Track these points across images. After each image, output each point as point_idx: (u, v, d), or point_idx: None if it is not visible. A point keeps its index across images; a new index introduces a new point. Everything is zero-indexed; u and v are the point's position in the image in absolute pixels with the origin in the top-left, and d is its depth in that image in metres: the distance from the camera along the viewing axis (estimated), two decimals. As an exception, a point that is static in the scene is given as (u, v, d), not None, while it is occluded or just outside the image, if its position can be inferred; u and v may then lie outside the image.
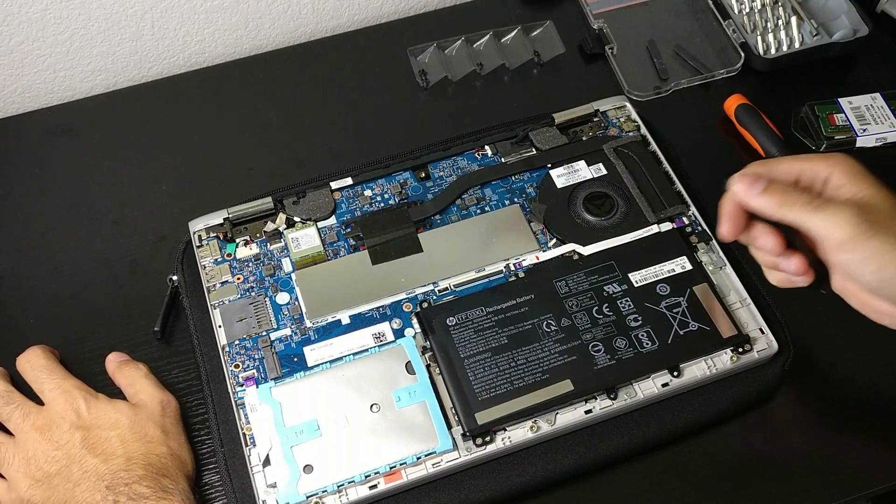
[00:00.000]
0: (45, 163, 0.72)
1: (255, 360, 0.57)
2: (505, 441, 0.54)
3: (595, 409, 0.55)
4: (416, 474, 0.53)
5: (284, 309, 0.59)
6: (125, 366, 0.59)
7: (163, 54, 0.80)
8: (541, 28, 0.78)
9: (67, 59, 0.77)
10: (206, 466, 0.57)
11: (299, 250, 0.62)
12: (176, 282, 0.62)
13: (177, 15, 0.77)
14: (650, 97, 0.73)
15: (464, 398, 0.54)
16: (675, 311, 0.57)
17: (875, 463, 0.56)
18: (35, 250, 0.67)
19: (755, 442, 0.57)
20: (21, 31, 0.73)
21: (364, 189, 0.65)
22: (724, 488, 0.55)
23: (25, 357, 0.58)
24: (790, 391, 0.58)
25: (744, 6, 0.77)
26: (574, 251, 0.61)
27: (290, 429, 0.54)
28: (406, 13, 0.85)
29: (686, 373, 0.56)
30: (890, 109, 0.71)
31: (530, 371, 0.55)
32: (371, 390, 0.55)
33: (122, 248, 0.67)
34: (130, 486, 0.51)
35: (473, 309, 0.58)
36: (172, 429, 0.56)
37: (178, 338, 0.62)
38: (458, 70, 0.76)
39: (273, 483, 0.52)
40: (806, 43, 0.75)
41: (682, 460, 0.56)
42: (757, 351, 0.57)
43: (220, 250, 0.62)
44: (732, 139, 0.71)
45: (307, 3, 0.80)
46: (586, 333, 0.56)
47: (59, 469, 0.53)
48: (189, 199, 0.69)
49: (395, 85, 0.76)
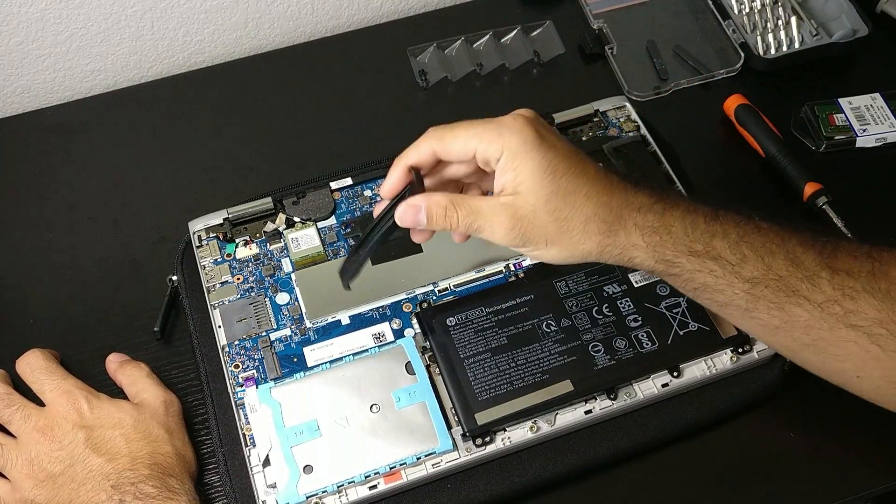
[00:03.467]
0: (45, 163, 0.72)
1: (254, 361, 0.57)
2: (505, 441, 0.54)
3: (595, 409, 0.55)
4: (415, 475, 0.53)
5: (284, 309, 0.59)
6: (127, 365, 0.59)
7: (162, 54, 0.80)
8: (541, 28, 0.78)
9: (67, 59, 0.77)
10: (206, 467, 0.57)
11: (299, 250, 0.62)
12: (176, 282, 0.62)
13: (176, 15, 0.77)
14: (650, 97, 0.73)
15: (464, 398, 0.54)
16: (674, 312, 0.57)
17: (875, 463, 0.56)
18: (35, 250, 0.67)
19: (755, 442, 0.57)
20: (21, 31, 0.73)
21: (364, 189, 0.65)
22: (724, 488, 0.55)
23: (25, 360, 0.58)
24: (790, 391, 0.58)
25: (744, 6, 0.77)
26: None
27: (289, 429, 0.54)
28: (406, 13, 0.85)
29: (686, 373, 0.56)
30: (890, 109, 0.71)
31: (530, 371, 0.55)
32: (371, 391, 0.55)
33: (122, 248, 0.67)
34: (136, 485, 0.51)
35: (473, 309, 0.58)
36: (176, 428, 0.56)
37: (177, 338, 0.62)
38: (458, 70, 0.76)
39: (273, 483, 0.52)
40: (806, 43, 0.75)
41: (682, 460, 0.56)
42: (757, 351, 0.57)
43: (220, 250, 0.62)
44: (732, 139, 0.71)
45: (307, 3, 0.80)
46: (586, 334, 0.56)
47: (62, 469, 0.53)
48: (189, 199, 0.69)
49: (395, 85, 0.76)
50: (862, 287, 0.46)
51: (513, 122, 0.48)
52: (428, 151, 0.50)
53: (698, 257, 0.48)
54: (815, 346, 0.48)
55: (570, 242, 0.48)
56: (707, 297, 0.50)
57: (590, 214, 0.48)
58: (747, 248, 0.48)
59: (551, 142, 0.48)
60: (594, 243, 0.48)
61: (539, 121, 0.50)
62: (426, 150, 0.50)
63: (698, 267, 0.48)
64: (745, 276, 0.48)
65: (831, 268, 0.47)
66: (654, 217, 0.48)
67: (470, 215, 0.49)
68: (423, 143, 0.50)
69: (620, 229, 0.48)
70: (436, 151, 0.50)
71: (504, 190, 0.48)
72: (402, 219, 0.50)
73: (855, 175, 0.69)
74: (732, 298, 0.49)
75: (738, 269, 0.48)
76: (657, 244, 0.48)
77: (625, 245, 0.48)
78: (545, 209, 0.47)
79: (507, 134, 0.48)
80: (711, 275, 0.48)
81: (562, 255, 0.49)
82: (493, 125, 0.49)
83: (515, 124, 0.48)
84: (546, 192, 0.47)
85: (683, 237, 0.48)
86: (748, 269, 0.48)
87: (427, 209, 0.49)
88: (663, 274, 0.50)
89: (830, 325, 0.47)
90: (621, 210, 0.48)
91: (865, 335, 0.46)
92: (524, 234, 0.48)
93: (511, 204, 0.48)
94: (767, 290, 0.47)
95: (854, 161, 0.70)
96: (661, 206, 0.48)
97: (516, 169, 0.48)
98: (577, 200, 0.48)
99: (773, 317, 0.48)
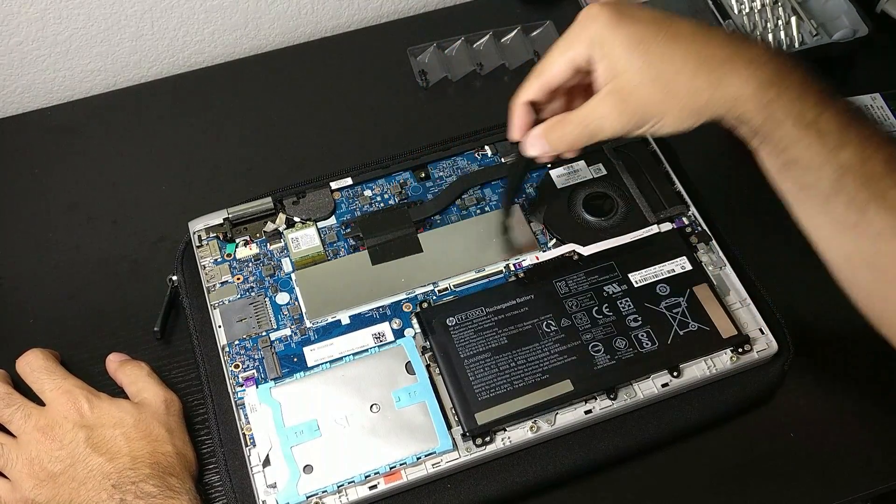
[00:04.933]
0: (45, 163, 0.72)
1: (254, 361, 0.57)
2: (505, 441, 0.54)
3: (595, 409, 0.55)
4: (415, 474, 0.53)
5: (284, 309, 0.59)
6: (127, 365, 0.59)
7: (162, 54, 0.80)
8: (541, 28, 0.78)
9: (67, 59, 0.77)
10: (206, 466, 0.57)
11: (299, 250, 0.62)
12: (176, 282, 0.62)
13: (176, 15, 0.77)
14: (650, 97, 0.73)
15: (464, 398, 0.54)
16: (674, 312, 0.57)
17: (875, 463, 0.56)
18: (35, 250, 0.67)
19: (755, 442, 0.57)
20: (21, 31, 0.73)
21: (364, 189, 0.65)
22: (724, 488, 0.55)
23: (25, 359, 0.58)
24: (790, 391, 0.58)
25: (744, 6, 0.77)
26: (574, 251, 0.61)
27: (289, 429, 0.54)
28: (406, 13, 0.85)
29: (686, 373, 0.56)
30: (890, 109, 0.71)
31: (530, 371, 0.55)
32: (371, 390, 0.55)
33: (122, 248, 0.67)
34: (137, 484, 0.51)
35: (473, 309, 0.58)
36: (177, 427, 0.56)
37: (177, 338, 0.62)
38: (458, 70, 0.76)
39: (273, 483, 0.52)
40: (806, 43, 0.75)
41: (682, 460, 0.56)
42: (757, 351, 0.57)
43: (220, 250, 0.62)
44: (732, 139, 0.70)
45: (307, 3, 0.80)
46: (586, 334, 0.56)
47: (63, 469, 0.53)
48: (189, 199, 0.69)
49: (395, 85, 0.76)
50: None
51: (587, 14, 0.49)
52: (536, 86, 0.52)
53: (804, 127, 0.46)
54: (874, 262, 0.47)
55: (682, 106, 0.47)
56: (792, 175, 0.48)
57: (692, 72, 0.47)
58: (853, 134, 0.46)
59: (631, 15, 0.48)
60: (704, 99, 0.47)
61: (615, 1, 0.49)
62: (533, 86, 0.52)
63: (801, 137, 0.46)
64: (841, 161, 0.46)
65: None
66: (771, 71, 0.47)
67: (581, 123, 0.50)
68: (529, 81, 0.52)
69: (732, 79, 0.47)
70: (542, 83, 0.51)
71: (603, 81, 0.48)
72: (531, 150, 0.53)
73: (855, 175, 0.69)
74: (818, 181, 0.47)
75: (836, 152, 0.46)
76: (770, 101, 0.46)
77: (736, 97, 0.47)
78: (646, 81, 0.47)
79: (586, 29, 0.48)
80: (809, 149, 0.47)
81: (679, 122, 0.48)
82: (572, 30, 0.49)
83: (590, 14, 0.48)
84: (640, 64, 0.47)
85: (797, 101, 0.46)
86: (846, 154, 0.46)
87: (545, 135, 0.52)
88: (762, 137, 0.48)
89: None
90: (731, 61, 0.47)
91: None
92: (635, 112, 0.48)
93: (613, 90, 0.48)
94: (857, 182, 0.46)
95: (854, 161, 0.70)
96: (776, 65, 0.47)
97: (607, 56, 0.48)
98: (675, 62, 0.47)
99: (850, 214, 0.47)
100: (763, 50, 0.47)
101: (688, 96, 0.47)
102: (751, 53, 0.47)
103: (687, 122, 0.48)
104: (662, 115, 0.48)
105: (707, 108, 0.47)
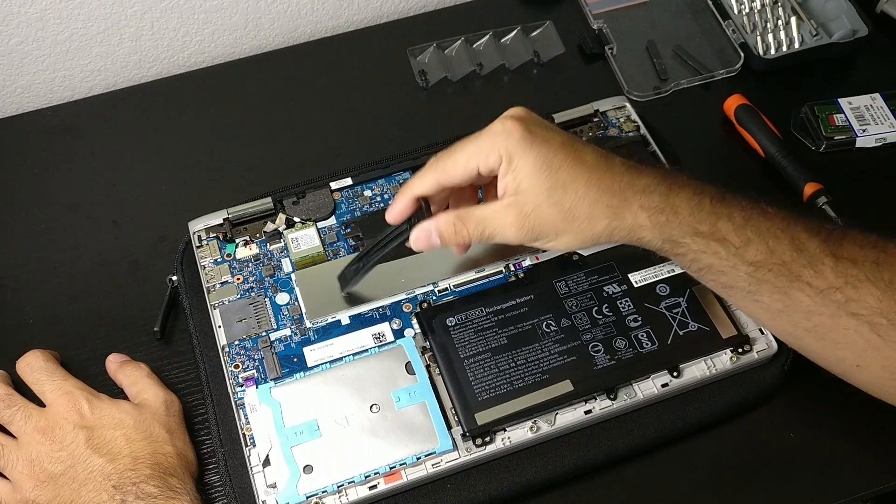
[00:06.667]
0: (45, 163, 0.72)
1: (254, 361, 0.57)
2: (505, 441, 0.54)
3: (595, 409, 0.55)
4: (415, 475, 0.53)
5: (284, 309, 0.59)
6: (127, 366, 0.59)
7: (162, 54, 0.80)
8: (541, 28, 0.78)
9: (67, 59, 0.77)
10: (206, 467, 0.57)
11: (299, 250, 0.62)
12: (176, 282, 0.62)
13: (176, 15, 0.77)
14: (650, 97, 0.73)
15: (463, 398, 0.54)
16: (674, 312, 0.57)
17: (875, 463, 0.56)
18: (35, 250, 0.67)
19: (755, 442, 0.57)
20: (20, 31, 0.73)
21: (364, 189, 0.65)
22: (724, 488, 0.55)
23: (25, 360, 0.58)
24: (790, 391, 0.58)
25: (744, 6, 0.77)
26: (574, 251, 0.61)
27: (289, 429, 0.54)
28: (406, 13, 0.85)
29: (686, 373, 0.56)
30: (890, 109, 0.71)
31: (530, 371, 0.55)
32: (371, 390, 0.55)
33: (122, 248, 0.67)
34: (138, 485, 0.51)
35: (473, 309, 0.58)
36: (177, 428, 0.56)
37: (177, 338, 0.62)
38: (457, 70, 0.76)
39: (273, 483, 0.52)
40: (806, 43, 0.75)
41: (682, 460, 0.56)
42: (756, 351, 0.57)
43: (220, 250, 0.62)
44: (732, 139, 0.71)
45: (307, 3, 0.80)
46: (586, 334, 0.56)
47: (63, 469, 0.53)
48: (189, 199, 0.69)
49: (395, 85, 0.76)
50: (865, 276, 0.46)
51: (502, 126, 0.50)
52: (433, 182, 0.52)
53: (703, 238, 0.49)
54: (816, 332, 0.48)
55: (578, 230, 0.49)
56: (711, 278, 0.50)
57: (593, 200, 0.49)
58: (752, 232, 0.48)
59: (544, 137, 0.49)
60: (602, 227, 0.49)
61: (530, 118, 0.51)
62: (431, 181, 0.52)
63: (703, 248, 0.49)
64: (749, 259, 0.48)
65: (835, 255, 0.47)
66: (660, 198, 0.49)
67: (479, 225, 0.51)
68: (427, 176, 0.52)
69: (626, 211, 0.49)
70: (440, 181, 0.52)
71: (507, 192, 0.50)
72: (417, 243, 0.53)
73: (855, 175, 0.69)
74: (736, 280, 0.49)
75: (741, 252, 0.48)
76: (663, 224, 0.49)
77: (632, 226, 0.49)
78: (548, 203, 0.49)
79: (499, 140, 0.50)
80: (716, 256, 0.49)
81: (574, 243, 0.50)
82: (485, 137, 0.50)
83: (505, 128, 0.50)
84: (546, 186, 0.49)
85: (689, 218, 0.49)
86: (752, 252, 0.48)
87: (438, 231, 0.52)
88: (669, 253, 0.50)
89: (832, 312, 0.47)
90: (625, 192, 0.49)
91: (866, 324, 0.46)
92: (533, 229, 0.50)
93: (515, 204, 0.49)
94: (770, 273, 0.48)
95: (854, 161, 0.70)
96: (667, 187, 0.49)
97: (514, 171, 0.49)
98: (578, 189, 0.49)
99: (776, 301, 0.48)
100: (653, 177, 0.49)
101: (587, 221, 0.49)
102: (643, 182, 0.49)
103: (584, 244, 0.51)
104: (559, 234, 0.50)
105: (605, 234, 0.50)
